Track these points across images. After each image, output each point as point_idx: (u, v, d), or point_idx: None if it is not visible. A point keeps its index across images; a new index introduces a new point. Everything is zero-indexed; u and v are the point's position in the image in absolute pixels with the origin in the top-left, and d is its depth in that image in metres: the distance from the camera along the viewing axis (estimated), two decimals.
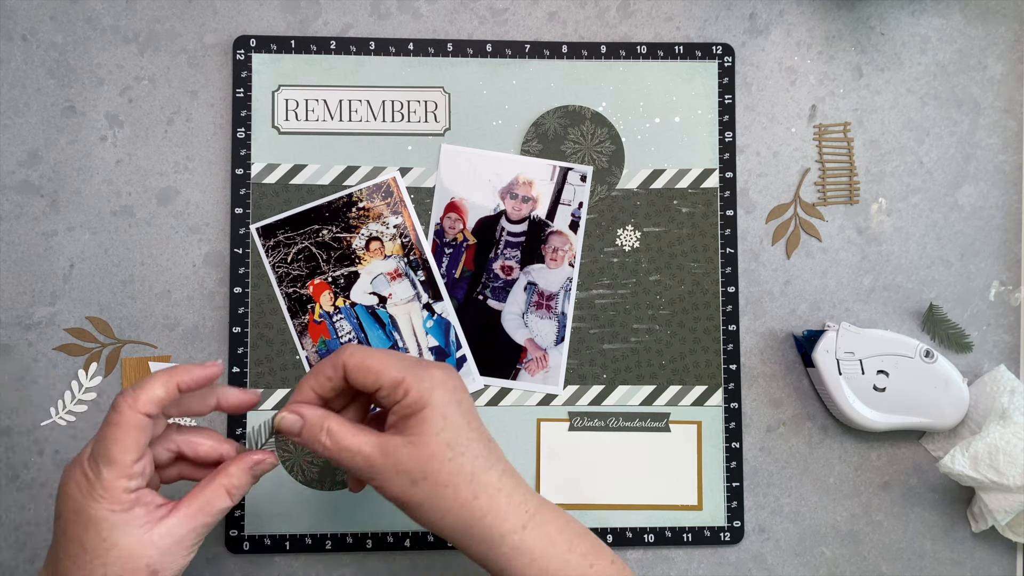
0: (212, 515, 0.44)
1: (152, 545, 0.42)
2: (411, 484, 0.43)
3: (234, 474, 0.45)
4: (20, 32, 0.58)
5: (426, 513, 0.44)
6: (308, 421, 0.45)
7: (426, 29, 0.60)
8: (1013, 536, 0.58)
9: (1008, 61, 0.62)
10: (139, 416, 0.42)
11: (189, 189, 0.59)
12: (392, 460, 0.43)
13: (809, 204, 0.61)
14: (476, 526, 0.43)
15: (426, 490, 0.43)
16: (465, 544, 0.44)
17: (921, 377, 0.58)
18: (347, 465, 0.44)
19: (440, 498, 0.43)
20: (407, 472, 0.43)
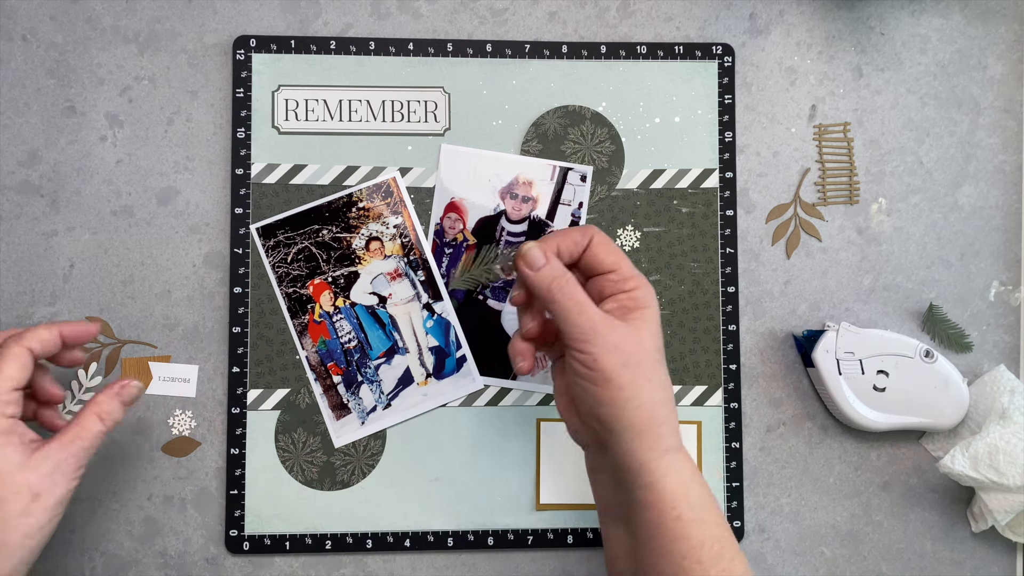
0: (87, 439, 0.47)
1: (31, 469, 0.45)
2: (622, 364, 0.44)
3: (103, 401, 0.49)
4: (20, 32, 0.58)
5: (623, 396, 0.44)
6: (552, 263, 0.46)
7: (426, 29, 0.60)
8: (1013, 536, 0.58)
9: (1008, 61, 0.62)
10: (23, 349, 0.47)
11: (189, 189, 0.59)
12: (614, 335, 0.44)
13: (809, 204, 0.61)
14: (654, 430, 0.44)
15: (632, 375, 0.44)
16: (631, 446, 0.44)
17: (921, 377, 0.58)
18: (567, 320, 0.44)
19: (641, 388, 0.44)
20: (622, 351, 0.44)
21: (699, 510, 0.44)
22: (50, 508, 0.45)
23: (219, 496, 0.58)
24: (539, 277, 0.46)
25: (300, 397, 0.58)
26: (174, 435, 0.58)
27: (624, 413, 0.44)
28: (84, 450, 0.47)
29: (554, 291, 0.45)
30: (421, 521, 0.58)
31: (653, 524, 0.44)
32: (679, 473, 0.44)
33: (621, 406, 0.44)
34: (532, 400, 0.59)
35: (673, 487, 0.44)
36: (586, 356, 0.44)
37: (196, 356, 0.58)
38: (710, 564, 0.43)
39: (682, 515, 0.43)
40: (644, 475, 0.44)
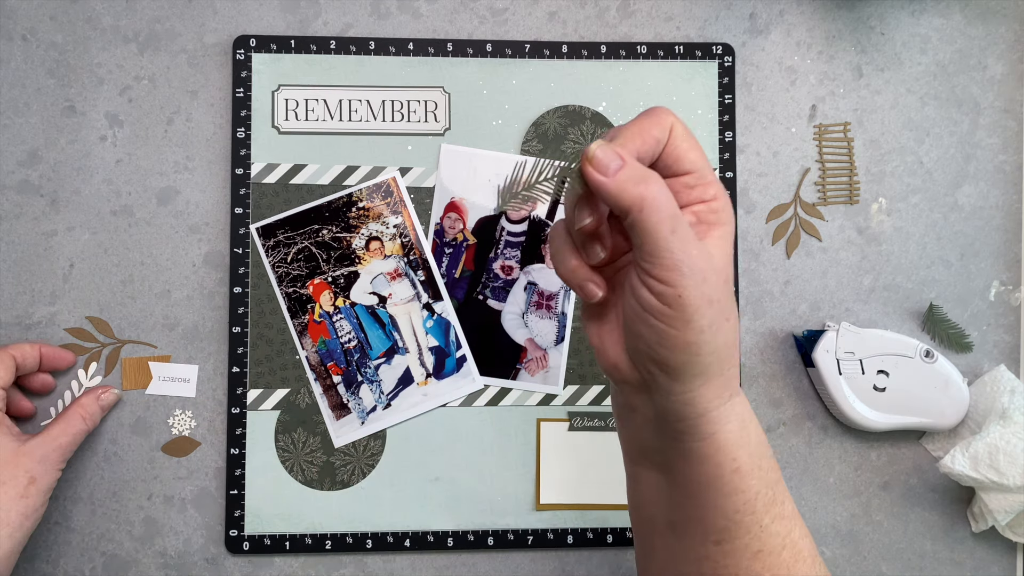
0: (71, 435, 0.53)
1: (27, 455, 0.50)
2: (708, 302, 0.34)
3: (86, 403, 0.54)
4: (20, 32, 0.58)
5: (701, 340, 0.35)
6: (630, 163, 0.35)
7: (426, 29, 0.60)
8: (1013, 536, 0.58)
9: (1008, 61, 0.62)
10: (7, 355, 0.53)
11: (189, 189, 0.59)
12: (702, 263, 0.34)
13: (809, 204, 0.61)
14: (723, 375, 0.37)
15: (714, 315, 0.35)
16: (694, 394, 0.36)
17: (921, 377, 0.58)
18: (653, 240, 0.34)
19: (720, 330, 0.35)
20: (711, 285, 0.35)
21: (757, 456, 0.38)
22: (43, 492, 0.50)
23: (219, 496, 0.58)
24: (618, 183, 0.34)
25: (300, 397, 0.58)
26: (174, 435, 0.58)
27: (698, 359, 0.35)
28: (69, 443, 0.53)
29: (643, 199, 0.34)
30: (421, 521, 0.58)
31: (708, 477, 0.38)
32: (739, 417, 0.37)
33: (695, 351, 0.35)
34: (532, 400, 0.59)
35: (735, 436, 0.37)
36: (669, 290, 0.34)
37: (196, 356, 0.58)
38: (763, 512, 0.38)
39: (741, 466, 0.37)
40: (704, 425, 0.37)
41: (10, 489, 0.49)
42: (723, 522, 0.38)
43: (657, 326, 0.35)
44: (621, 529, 0.59)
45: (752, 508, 0.38)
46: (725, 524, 0.38)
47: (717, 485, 0.37)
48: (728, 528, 0.38)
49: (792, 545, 0.39)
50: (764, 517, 0.38)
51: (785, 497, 0.39)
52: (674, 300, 0.34)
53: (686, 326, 0.34)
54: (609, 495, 0.59)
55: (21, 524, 0.49)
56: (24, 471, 0.50)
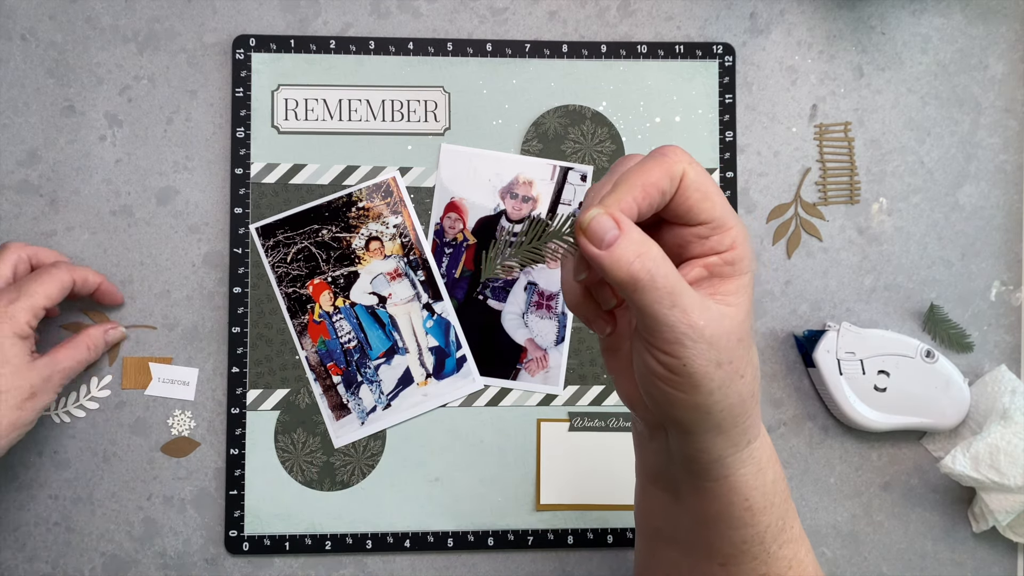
0: (75, 362, 0.54)
1: (35, 371, 0.52)
2: (716, 366, 0.33)
3: (92, 334, 0.56)
4: (19, 31, 0.58)
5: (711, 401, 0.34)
6: (627, 233, 0.32)
7: (426, 28, 0.60)
8: (1014, 536, 0.58)
9: (1009, 61, 0.62)
10: (69, 278, 0.54)
11: (188, 189, 0.59)
12: (709, 328, 0.32)
13: (810, 204, 0.61)
14: (738, 427, 0.35)
15: (724, 376, 0.33)
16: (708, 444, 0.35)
17: (922, 377, 0.58)
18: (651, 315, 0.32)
19: (732, 390, 0.34)
20: (719, 350, 0.33)
21: (770, 495, 0.37)
22: (37, 409, 0.52)
23: (219, 496, 0.58)
24: (613, 257, 0.32)
25: (300, 397, 0.58)
26: (173, 435, 0.58)
27: (708, 418, 0.34)
28: (72, 368, 0.54)
29: (637, 278, 0.32)
30: (421, 521, 0.58)
31: (718, 512, 0.37)
32: (756, 462, 0.37)
33: (706, 411, 0.34)
34: (532, 400, 0.59)
35: (749, 479, 0.36)
36: (672, 360, 0.33)
37: (195, 356, 0.58)
38: (771, 541, 0.38)
39: (752, 505, 0.37)
40: (718, 469, 0.36)
41: (10, 398, 0.50)
42: (730, 549, 0.38)
43: (663, 388, 0.34)
44: (621, 529, 0.59)
45: (761, 539, 0.38)
46: (731, 551, 0.38)
47: (727, 520, 0.37)
48: (734, 555, 0.38)
49: (798, 564, 0.39)
50: (772, 545, 0.38)
51: (794, 520, 0.39)
52: (679, 369, 0.33)
53: (694, 391, 0.33)
54: (609, 496, 0.59)
55: (7, 434, 0.50)
56: (28, 384, 0.51)
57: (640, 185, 0.33)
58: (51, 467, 0.57)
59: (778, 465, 0.38)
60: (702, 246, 0.34)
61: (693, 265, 0.35)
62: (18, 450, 0.57)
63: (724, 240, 0.34)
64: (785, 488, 0.39)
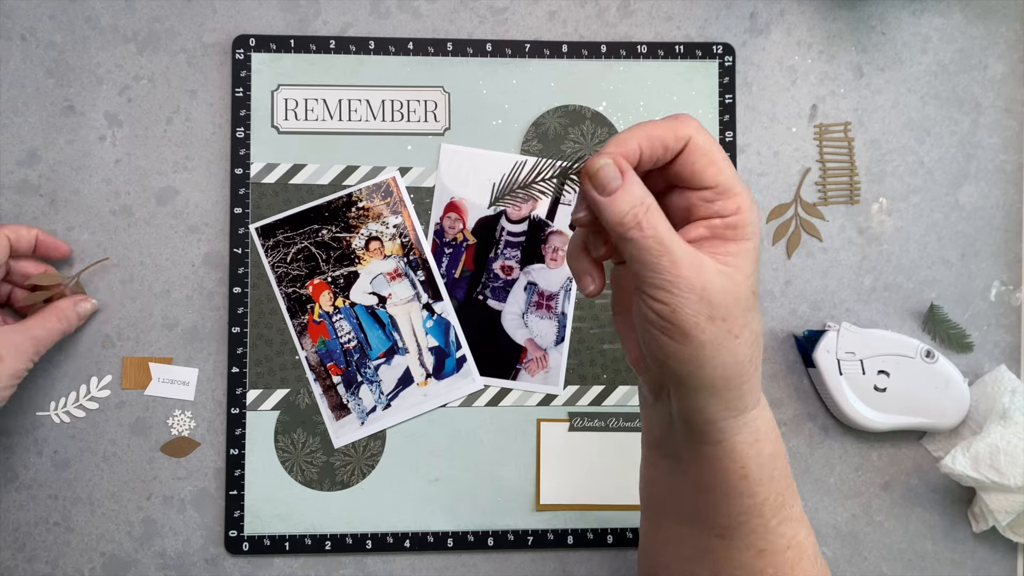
0: (45, 330, 0.54)
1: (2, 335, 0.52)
2: (707, 318, 0.35)
3: (62, 306, 0.55)
4: (19, 31, 0.58)
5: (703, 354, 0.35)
6: (628, 182, 0.35)
7: (426, 28, 0.60)
8: (1014, 536, 0.58)
9: (1009, 61, 0.62)
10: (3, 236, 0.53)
11: (188, 189, 0.59)
12: (700, 279, 0.34)
13: (810, 204, 0.61)
14: (733, 390, 0.36)
15: (717, 331, 0.35)
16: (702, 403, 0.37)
17: (922, 377, 0.58)
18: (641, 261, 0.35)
19: (725, 345, 0.35)
20: (708, 302, 0.34)
21: (768, 468, 0.38)
22: (9, 375, 0.52)
23: (218, 496, 0.58)
24: (611, 205, 0.34)
25: (300, 397, 0.58)
26: (173, 435, 0.58)
27: (701, 372, 0.36)
28: (42, 338, 0.54)
29: (628, 225, 0.34)
30: (421, 521, 0.58)
31: (714, 479, 0.38)
32: (753, 431, 0.38)
33: (698, 364, 0.35)
34: (532, 400, 0.59)
35: (743, 447, 0.37)
36: (662, 306, 0.35)
37: (195, 356, 0.58)
38: (770, 516, 0.38)
39: (749, 474, 0.38)
40: (712, 432, 0.37)
41: None
42: (727, 520, 0.38)
43: (658, 336, 0.36)
44: (621, 529, 0.59)
45: (759, 512, 0.38)
46: (728, 523, 0.38)
47: (723, 488, 0.38)
48: (732, 527, 0.38)
49: (797, 545, 0.39)
50: (771, 520, 0.38)
51: (795, 500, 0.40)
52: (669, 314, 0.35)
53: (684, 339, 0.35)
54: (609, 495, 0.59)
55: None
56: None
57: (646, 134, 0.35)
58: (51, 467, 0.57)
59: (779, 442, 0.39)
60: (707, 210, 0.36)
61: (697, 225, 0.36)
62: (18, 450, 0.57)
63: (728, 205, 0.36)
64: (785, 465, 0.39)
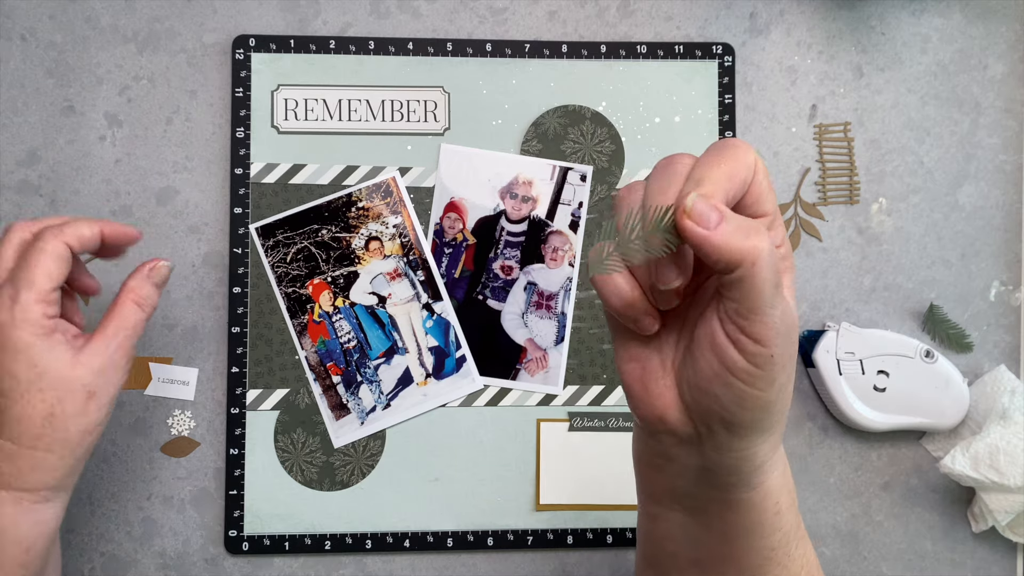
0: (130, 328, 0.45)
1: (83, 366, 0.43)
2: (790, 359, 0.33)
3: (136, 286, 0.46)
4: (19, 31, 0.58)
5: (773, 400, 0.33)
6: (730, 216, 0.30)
7: (426, 28, 0.60)
8: (1014, 536, 0.58)
9: (1009, 61, 0.62)
10: (62, 246, 0.44)
11: (188, 189, 0.59)
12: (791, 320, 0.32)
13: (809, 204, 0.61)
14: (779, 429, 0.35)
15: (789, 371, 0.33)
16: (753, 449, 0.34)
17: (921, 377, 0.58)
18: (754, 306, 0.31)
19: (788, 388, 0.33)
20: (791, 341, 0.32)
21: (788, 494, 0.37)
22: (104, 406, 0.45)
23: (218, 496, 0.58)
24: (724, 237, 0.30)
25: (299, 397, 0.58)
26: (173, 435, 0.58)
27: (769, 418, 0.33)
28: (129, 340, 0.46)
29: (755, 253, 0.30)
30: (421, 521, 0.58)
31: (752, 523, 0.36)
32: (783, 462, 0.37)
33: (768, 411, 0.33)
34: (532, 400, 0.59)
35: (779, 481, 0.36)
36: (763, 350, 0.31)
37: (195, 356, 0.58)
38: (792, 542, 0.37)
39: (781, 508, 0.36)
40: (757, 476, 0.35)
41: (67, 407, 0.43)
42: (758, 560, 0.37)
43: (739, 387, 0.32)
44: (621, 529, 0.59)
45: (787, 541, 0.37)
46: (760, 562, 0.37)
47: (759, 530, 0.36)
48: (762, 565, 0.37)
49: (808, 564, 0.39)
50: (792, 547, 0.38)
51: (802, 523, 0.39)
52: (766, 361, 0.31)
53: (769, 386, 0.32)
54: (609, 495, 0.59)
55: (81, 441, 0.44)
56: (81, 386, 0.43)
57: (726, 176, 0.31)
58: None
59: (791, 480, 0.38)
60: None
61: None
62: None
63: (778, 235, 0.34)
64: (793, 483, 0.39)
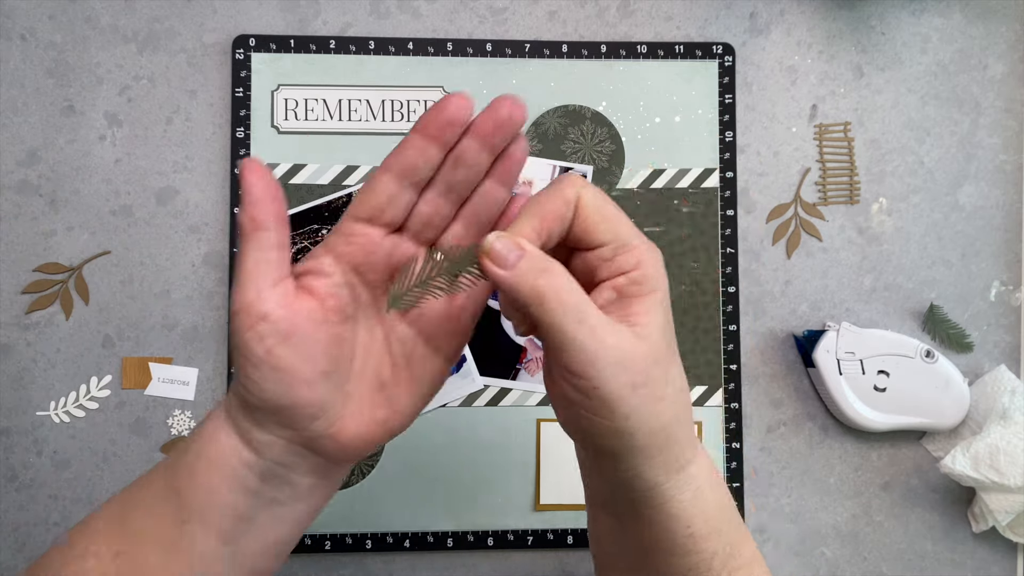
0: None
1: None
2: (630, 388, 0.32)
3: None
4: (19, 31, 0.58)
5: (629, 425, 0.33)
6: (528, 253, 0.32)
7: (426, 28, 0.60)
8: (1014, 537, 0.58)
9: (1009, 61, 0.62)
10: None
11: (188, 189, 0.59)
12: (618, 350, 0.32)
13: (810, 204, 0.61)
14: (667, 452, 0.34)
15: (641, 400, 0.33)
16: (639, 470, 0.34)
17: (922, 377, 0.58)
18: (559, 335, 0.32)
19: (652, 411, 0.33)
20: (630, 371, 0.32)
21: (715, 521, 0.36)
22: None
23: None
24: (515, 277, 0.32)
25: None
26: (173, 435, 0.58)
27: (632, 442, 0.34)
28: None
29: (543, 293, 0.31)
30: (421, 521, 0.58)
31: (659, 540, 0.36)
32: (695, 488, 0.36)
33: (629, 435, 0.33)
34: (532, 400, 0.59)
35: (687, 505, 0.35)
36: (584, 382, 0.32)
37: (195, 357, 0.58)
38: (719, 568, 0.36)
39: (695, 532, 0.36)
40: (654, 497, 0.35)
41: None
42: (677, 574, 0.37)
43: (582, 415, 0.33)
44: None
45: (708, 566, 0.36)
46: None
47: (669, 547, 0.36)
48: None
49: None
50: (721, 572, 0.37)
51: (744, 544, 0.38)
52: (592, 393, 0.32)
53: (610, 415, 0.32)
54: None
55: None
56: None
57: (538, 214, 0.33)
58: (51, 467, 0.57)
59: (722, 488, 0.37)
60: (609, 268, 0.34)
61: (603, 288, 0.34)
62: (18, 450, 0.57)
63: (629, 260, 0.34)
64: (733, 512, 0.38)
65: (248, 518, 0.36)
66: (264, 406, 0.35)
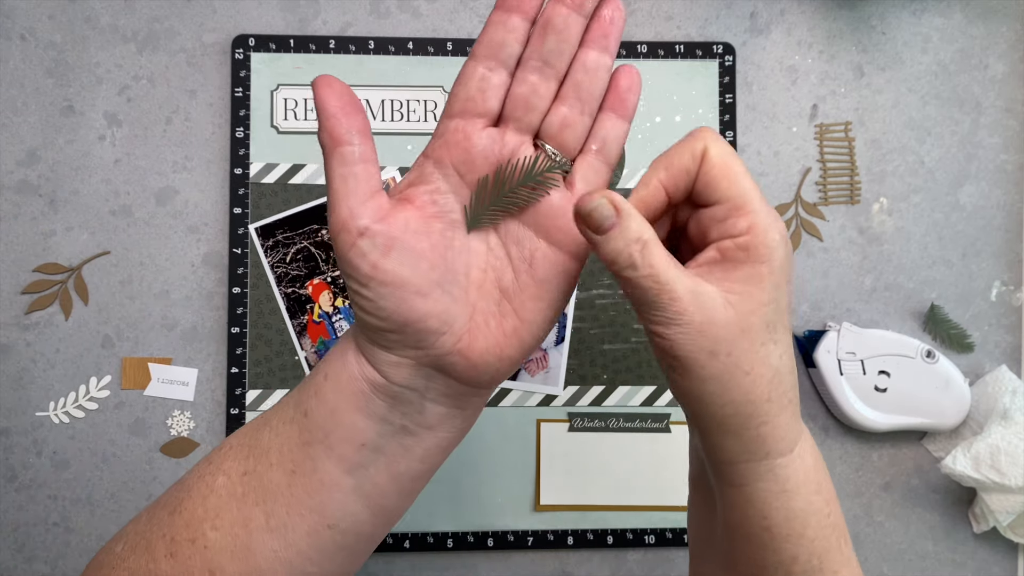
0: None
1: None
2: (710, 355, 0.32)
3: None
4: (18, 31, 0.58)
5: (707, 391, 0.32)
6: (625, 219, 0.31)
7: (425, 28, 0.60)
8: (1015, 537, 0.58)
9: (1010, 60, 0.62)
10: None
11: (188, 189, 0.59)
12: (701, 313, 0.31)
13: (810, 204, 0.61)
14: (750, 432, 0.33)
15: (723, 368, 0.32)
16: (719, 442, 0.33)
17: (922, 377, 0.57)
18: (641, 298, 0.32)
19: (733, 383, 0.32)
20: (713, 339, 0.32)
21: (798, 523, 0.34)
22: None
23: None
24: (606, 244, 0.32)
25: None
26: (173, 436, 0.58)
27: (708, 410, 0.33)
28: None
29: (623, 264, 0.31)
30: (421, 522, 0.58)
31: (736, 525, 0.35)
32: (780, 480, 0.34)
33: (705, 402, 0.32)
34: (532, 400, 0.59)
35: (766, 495, 0.34)
36: (662, 341, 0.32)
37: (195, 357, 0.58)
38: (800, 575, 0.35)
39: (771, 526, 0.34)
40: (732, 475, 0.34)
41: None
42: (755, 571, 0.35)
43: (665, 369, 0.33)
44: (621, 530, 0.59)
45: (788, 571, 0.34)
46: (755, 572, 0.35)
47: (746, 536, 0.35)
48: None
49: None
50: None
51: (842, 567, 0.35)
52: (669, 348, 0.32)
53: (686, 374, 0.32)
54: (609, 496, 0.59)
55: None
56: None
57: (663, 167, 0.33)
58: (50, 467, 0.57)
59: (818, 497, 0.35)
60: (719, 229, 0.33)
61: (709, 249, 0.33)
62: (17, 450, 0.57)
63: (740, 223, 0.32)
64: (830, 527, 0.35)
65: (375, 447, 0.35)
66: (383, 325, 0.33)
